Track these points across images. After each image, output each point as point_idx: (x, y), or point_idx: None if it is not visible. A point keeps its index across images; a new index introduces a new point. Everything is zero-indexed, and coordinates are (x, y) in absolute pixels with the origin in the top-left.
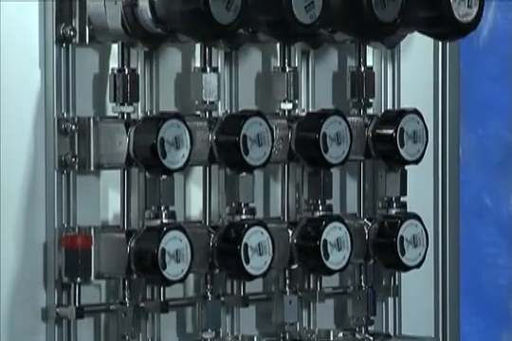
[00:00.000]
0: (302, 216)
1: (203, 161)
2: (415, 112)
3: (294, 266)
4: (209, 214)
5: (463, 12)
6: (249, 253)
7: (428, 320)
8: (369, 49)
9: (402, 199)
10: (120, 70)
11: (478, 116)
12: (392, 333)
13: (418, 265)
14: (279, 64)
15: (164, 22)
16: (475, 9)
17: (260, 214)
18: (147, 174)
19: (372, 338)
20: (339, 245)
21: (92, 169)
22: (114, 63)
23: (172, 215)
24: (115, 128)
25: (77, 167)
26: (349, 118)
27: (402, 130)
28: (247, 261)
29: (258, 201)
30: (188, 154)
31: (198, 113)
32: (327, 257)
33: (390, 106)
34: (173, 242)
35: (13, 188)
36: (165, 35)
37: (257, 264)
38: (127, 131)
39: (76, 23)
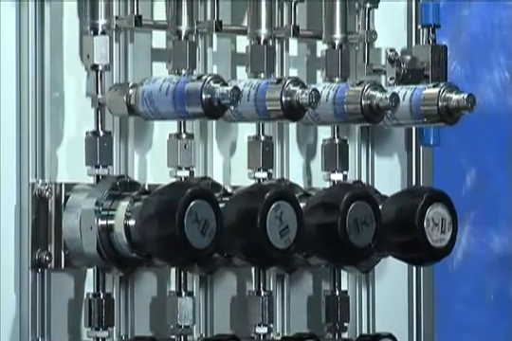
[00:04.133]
0: None
1: None
2: (390, 336)
3: None
4: None
5: (436, 238)
6: None
7: None
8: (343, 273)
9: None
10: (96, 295)
11: (452, 338)
12: None
13: None
14: (254, 288)
15: (139, 247)
16: (449, 235)
17: None
18: None
19: None
20: None
21: None
22: (89, 288)
23: None
24: None
25: None
26: None
27: None
28: None
29: None
30: None
31: (173, 337)
32: None
33: (364, 330)
34: None
35: None
36: (140, 260)
37: None
38: None
39: (51, 248)
